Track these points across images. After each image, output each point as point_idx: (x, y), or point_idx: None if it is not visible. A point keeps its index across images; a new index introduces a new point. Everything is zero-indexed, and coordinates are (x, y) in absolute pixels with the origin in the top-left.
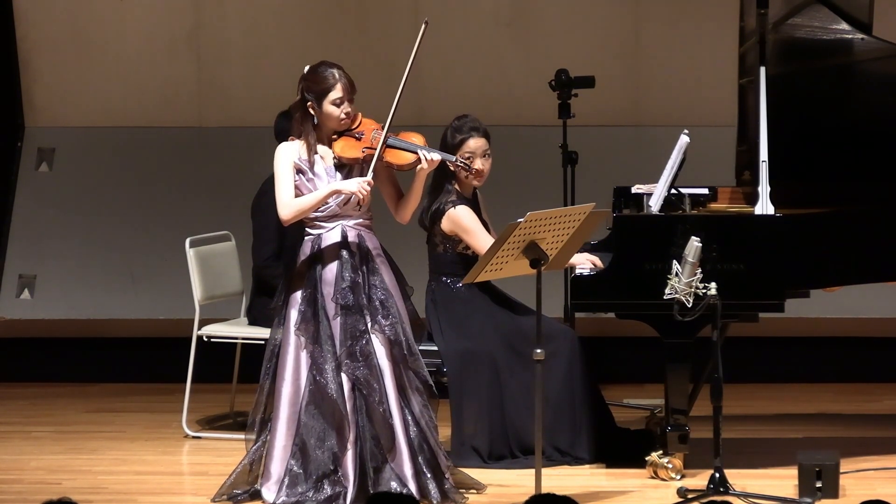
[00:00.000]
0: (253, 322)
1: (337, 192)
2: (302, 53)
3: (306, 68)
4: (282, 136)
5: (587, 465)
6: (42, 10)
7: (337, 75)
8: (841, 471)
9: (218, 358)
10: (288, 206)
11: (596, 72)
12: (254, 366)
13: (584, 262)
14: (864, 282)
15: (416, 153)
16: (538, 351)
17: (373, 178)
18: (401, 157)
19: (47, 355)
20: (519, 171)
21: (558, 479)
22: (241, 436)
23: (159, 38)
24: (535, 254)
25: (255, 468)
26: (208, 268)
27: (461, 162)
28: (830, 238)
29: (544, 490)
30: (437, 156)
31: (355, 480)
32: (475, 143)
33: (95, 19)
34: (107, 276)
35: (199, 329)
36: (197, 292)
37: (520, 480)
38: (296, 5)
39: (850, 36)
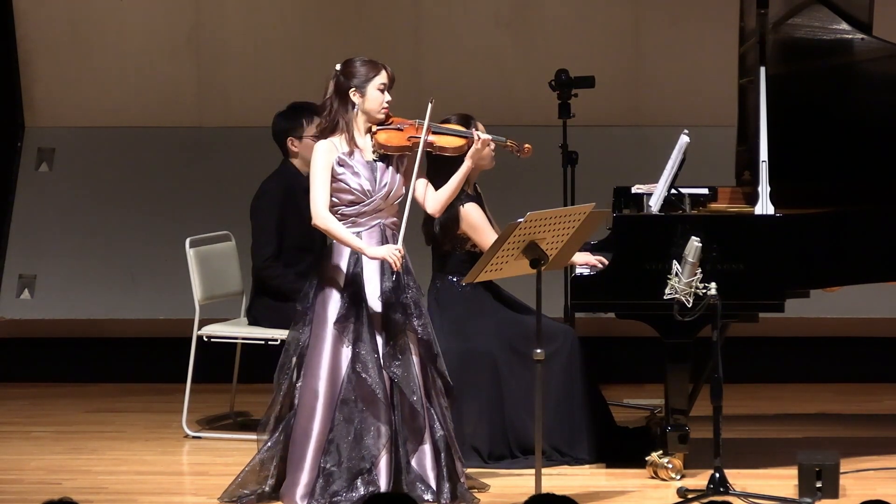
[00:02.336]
0: (253, 322)
1: (361, 252)
2: (302, 53)
3: (338, 66)
4: (279, 136)
5: (587, 465)
6: (42, 10)
7: (379, 63)
8: (841, 471)
9: (218, 358)
10: (323, 219)
11: (596, 72)
12: (254, 366)
13: (585, 263)
14: (864, 282)
15: (466, 137)
16: (538, 351)
17: (404, 172)
18: (451, 141)
19: (47, 355)
20: (519, 171)
21: (558, 479)
22: (242, 436)
23: (159, 38)
24: (535, 254)
25: (264, 468)
26: (208, 268)
27: (511, 143)
28: (830, 238)
29: (544, 490)
30: (489, 136)
31: (389, 480)
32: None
33: (95, 19)
34: (107, 276)
35: (199, 329)
36: (197, 292)
37: (520, 480)
38: (296, 5)
39: (850, 36)
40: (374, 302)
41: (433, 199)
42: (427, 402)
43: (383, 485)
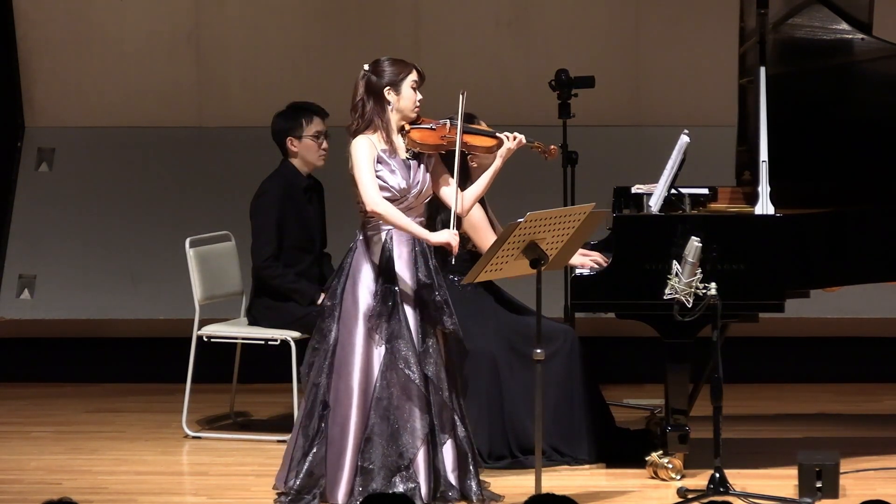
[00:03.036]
0: (253, 322)
1: (424, 238)
2: (302, 54)
3: (366, 66)
4: (279, 136)
5: (587, 465)
6: (42, 10)
7: (410, 62)
8: (841, 471)
9: (218, 358)
10: (380, 204)
11: (596, 72)
12: (254, 366)
13: (585, 265)
14: (864, 282)
15: (498, 136)
16: (538, 351)
17: (430, 174)
18: (484, 141)
19: (47, 355)
20: (519, 171)
21: (558, 479)
22: (242, 436)
23: (159, 38)
24: (535, 254)
25: (318, 469)
26: (208, 268)
27: (538, 145)
28: (831, 238)
29: (544, 490)
30: (522, 137)
31: (428, 477)
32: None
33: (95, 19)
34: (107, 276)
35: (199, 329)
36: (197, 292)
37: (520, 480)
38: (296, 5)
39: (850, 36)
40: (409, 299)
41: (461, 199)
42: (453, 401)
43: (422, 481)
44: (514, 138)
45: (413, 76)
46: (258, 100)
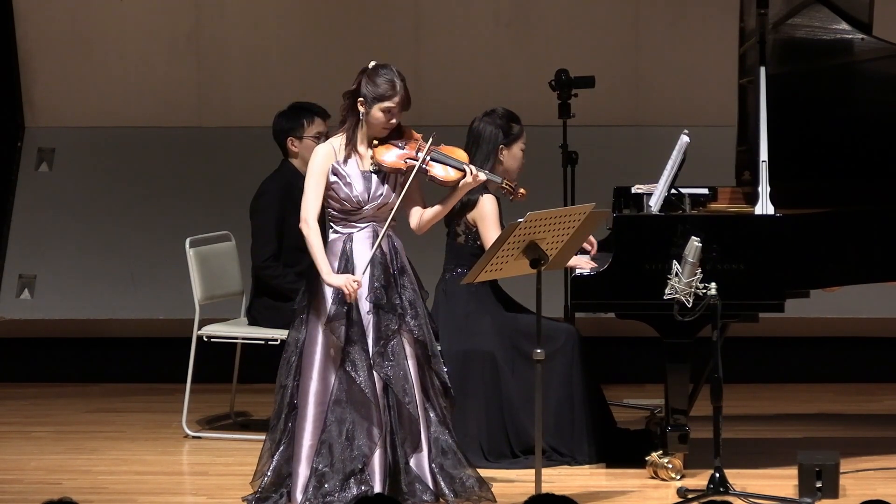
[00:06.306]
0: (253, 322)
1: (322, 277)
2: (302, 53)
3: (371, 63)
4: (279, 136)
5: (587, 465)
6: (42, 10)
7: (398, 87)
8: (841, 471)
9: (218, 358)
10: (308, 227)
11: (596, 72)
12: (254, 366)
13: (584, 266)
14: (864, 282)
15: (462, 169)
16: (538, 351)
17: (406, 188)
18: (445, 174)
19: (47, 355)
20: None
21: (558, 479)
22: (242, 436)
23: (159, 38)
24: (535, 254)
25: (283, 470)
26: (208, 268)
27: (507, 185)
28: (830, 238)
29: (544, 490)
30: (483, 175)
31: (383, 480)
32: (524, 139)
33: (95, 19)
34: (106, 276)
35: (199, 329)
36: (197, 292)
37: (520, 480)
38: (296, 5)
39: (850, 36)
40: (364, 302)
41: (419, 218)
42: (425, 401)
43: (377, 484)
44: (474, 176)
45: (388, 103)
46: (258, 100)
